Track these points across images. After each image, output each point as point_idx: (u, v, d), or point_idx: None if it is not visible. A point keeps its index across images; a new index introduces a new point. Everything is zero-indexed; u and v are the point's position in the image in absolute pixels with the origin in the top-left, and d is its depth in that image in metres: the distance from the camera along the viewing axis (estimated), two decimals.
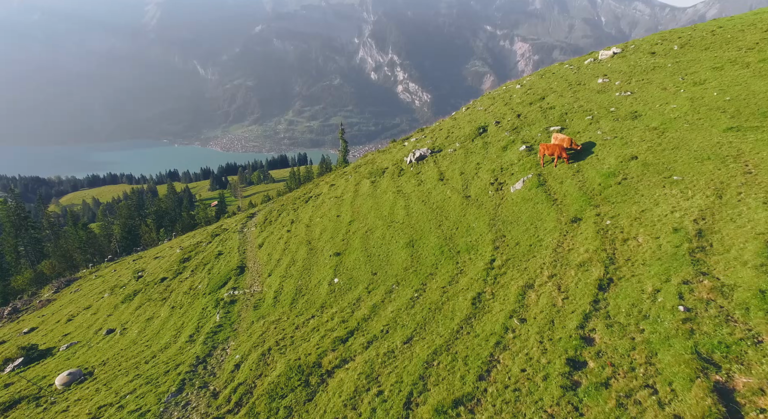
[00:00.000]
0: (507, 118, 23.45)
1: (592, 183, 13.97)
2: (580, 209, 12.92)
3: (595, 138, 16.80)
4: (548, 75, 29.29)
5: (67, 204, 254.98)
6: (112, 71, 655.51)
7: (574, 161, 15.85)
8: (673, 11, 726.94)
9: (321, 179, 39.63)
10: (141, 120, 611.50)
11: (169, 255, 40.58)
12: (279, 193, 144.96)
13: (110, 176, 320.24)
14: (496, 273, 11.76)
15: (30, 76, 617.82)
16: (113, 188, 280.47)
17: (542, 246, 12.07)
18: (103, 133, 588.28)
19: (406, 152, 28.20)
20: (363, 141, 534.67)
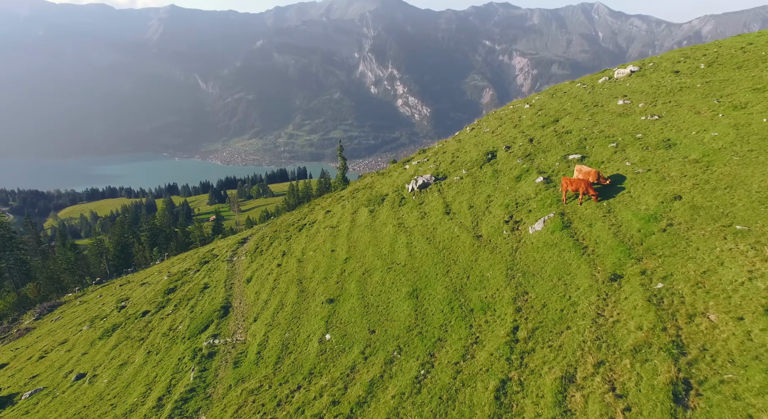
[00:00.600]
0: (518, 143, 21.42)
1: (629, 228, 11.80)
2: (619, 263, 10.73)
3: (624, 170, 14.70)
4: (559, 94, 27.39)
5: (65, 217, 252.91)
6: (114, 85, 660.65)
7: (602, 198, 13.72)
8: (669, 27, 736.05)
9: (317, 202, 37.50)
10: (142, 133, 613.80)
11: (156, 281, 38.26)
12: (277, 209, 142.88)
13: (109, 190, 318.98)
14: (522, 349, 9.51)
15: (33, 90, 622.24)
16: (112, 202, 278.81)
17: (577, 313, 9.84)
18: (104, 146, 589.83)
19: (408, 177, 26.10)
20: (363, 154, 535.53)
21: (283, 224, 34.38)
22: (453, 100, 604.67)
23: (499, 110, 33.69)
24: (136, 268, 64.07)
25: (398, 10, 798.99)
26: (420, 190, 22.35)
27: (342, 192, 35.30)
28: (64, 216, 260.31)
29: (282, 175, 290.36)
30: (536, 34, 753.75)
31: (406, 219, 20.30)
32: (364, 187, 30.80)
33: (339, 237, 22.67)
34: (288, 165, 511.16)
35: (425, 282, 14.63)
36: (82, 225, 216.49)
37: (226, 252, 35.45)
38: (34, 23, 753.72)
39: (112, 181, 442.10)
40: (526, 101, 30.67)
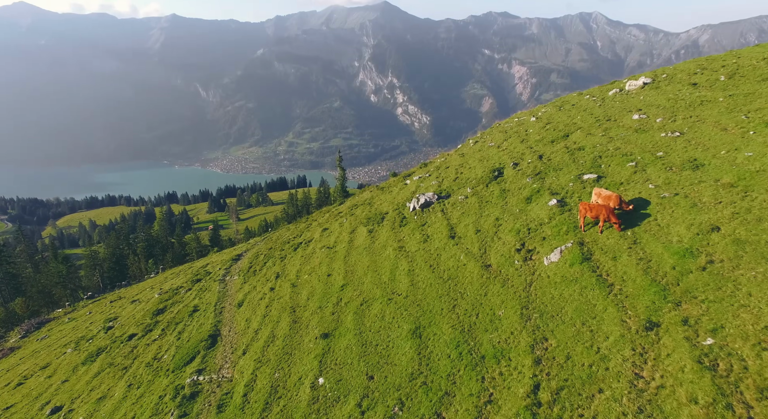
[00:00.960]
0: (526, 160, 20.10)
1: (661, 264, 10.40)
2: (654, 307, 9.32)
3: (648, 194, 13.34)
4: (567, 107, 26.17)
5: (64, 226, 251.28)
6: (115, 93, 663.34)
7: (626, 227, 12.34)
8: (666, 36, 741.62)
9: (314, 217, 36.12)
10: (142, 141, 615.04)
11: (147, 299, 36.74)
12: (276, 219, 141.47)
13: (108, 198, 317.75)
14: (546, 416, 8.05)
15: (34, 98, 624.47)
16: (111, 210, 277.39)
17: (609, 370, 8.41)
18: (105, 154, 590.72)
19: (409, 194, 24.77)
20: (362, 162, 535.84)
21: (278, 241, 32.98)
22: (453, 108, 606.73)
23: (503, 122, 32.47)
24: (129, 282, 62.50)
25: (398, 20, 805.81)
26: (422, 209, 20.98)
27: (340, 207, 33.93)
28: (62, 225, 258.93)
29: (281, 184, 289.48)
30: (535, 43, 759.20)
31: (407, 242, 18.90)
32: (363, 203, 29.44)
33: (336, 259, 21.24)
34: (288, 173, 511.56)
35: (429, 318, 13.18)
36: (80, 234, 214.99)
37: (220, 269, 34.02)
38: (36, 32, 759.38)
39: (111, 188, 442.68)
40: (532, 113, 29.43)
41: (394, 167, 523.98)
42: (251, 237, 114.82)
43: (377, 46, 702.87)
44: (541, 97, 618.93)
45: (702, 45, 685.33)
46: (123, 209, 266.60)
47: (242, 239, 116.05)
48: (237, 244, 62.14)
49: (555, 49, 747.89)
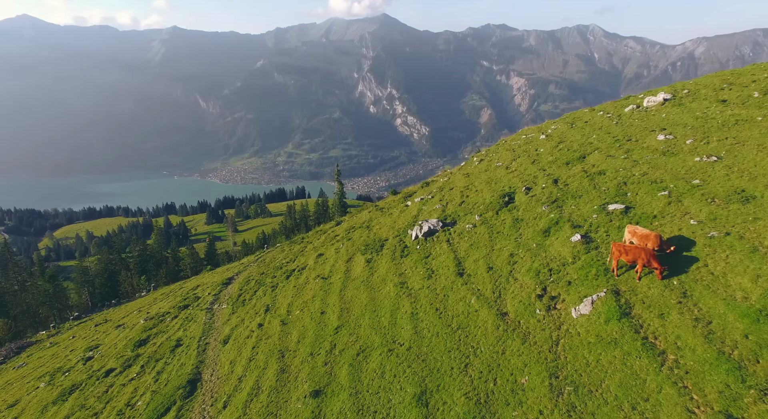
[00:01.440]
0: (540, 184, 18.25)
1: (726, 329, 8.45)
2: (730, 393, 7.33)
3: (690, 231, 11.44)
4: (579, 124, 24.43)
5: (61, 237, 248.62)
6: (115, 105, 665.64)
7: (670, 273, 10.42)
8: (663, 48, 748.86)
9: (309, 239, 34.13)
10: (142, 152, 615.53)
11: (132, 325, 34.56)
12: (274, 231, 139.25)
13: (106, 209, 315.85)
14: None
15: (36, 110, 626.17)
16: (109, 221, 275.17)
17: None
18: (104, 164, 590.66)
19: (410, 219, 22.86)
20: (362, 173, 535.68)
21: (271, 265, 30.96)
22: (451, 119, 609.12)
23: (510, 139, 30.72)
24: (120, 300, 60.20)
25: (397, 32, 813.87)
26: (425, 238, 19.05)
27: (337, 229, 31.97)
28: (59, 236, 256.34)
29: (280, 195, 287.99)
30: (533, 55, 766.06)
31: (409, 277, 16.92)
32: (360, 225, 27.50)
33: (330, 293, 19.23)
34: (287, 184, 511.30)
35: (437, 379, 11.15)
36: (77, 246, 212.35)
37: (209, 294, 31.95)
38: (38, 45, 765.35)
39: (110, 199, 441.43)
40: (541, 130, 27.68)
41: (393, 178, 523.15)
42: (248, 251, 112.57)
43: (376, 58, 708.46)
44: (539, 108, 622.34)
45: (698, 57, 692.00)
46: (121, 220, 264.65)
47: (238, 254, 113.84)
48: (231, 262, 60.02)
49: (553, 60, 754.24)
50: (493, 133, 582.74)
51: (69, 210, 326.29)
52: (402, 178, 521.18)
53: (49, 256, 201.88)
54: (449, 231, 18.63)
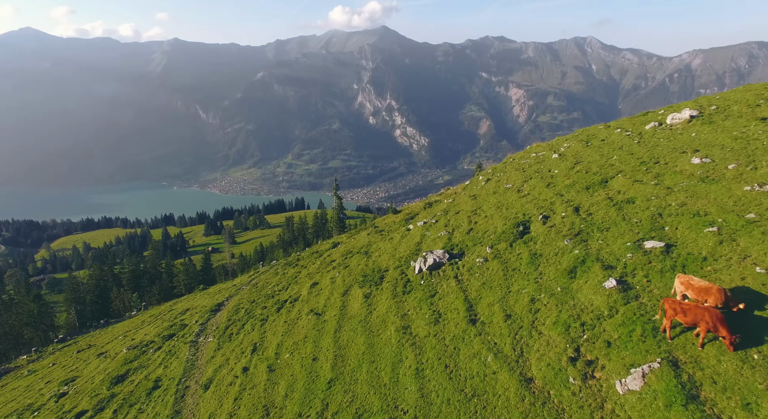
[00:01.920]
0: (559, 212, 16.30)
1: None
2: None
3: (760, 283, 9.43)
4: (595, 142, 22.57)
5: (59, 248, 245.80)
6: (116, 115, 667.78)
7: (744, 343, 8.38)
8: (660, 60, 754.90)
9: (304, 263, 32.01)
10: (141, 163, 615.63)
11: (114, 355, 32.27)
12: (272, 244, 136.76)
13: (105, 220, 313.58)
14: None
15: (36, 121, 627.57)
16: (107, 232, 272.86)
17: None
18: (104, 175, 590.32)
19: (412, 246, 20.84)
20: (361, 184, 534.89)
21: (263, 291, 28.81)
22: (451, 130, 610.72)
23: (518, 156, 28.84)
24: (108, 320, 57.77)
25: (396, 44, 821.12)
26: (430, 271, 17.01)
27: (333, 252, 29.90)
28: (57, 247, 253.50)
29: (279, 206, 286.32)
30: (531, 67, 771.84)
31: (413, 319, 14.85)
32: (359, 250, 25.45)
33: (324, 334, 17.11)
34: (286, 194, 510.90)
35: None
36: (73, 257, 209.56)
37: (196, 323, 29.76)
38: (41, 57, 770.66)
39: (109, 210, 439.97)
40: (552, 148, 25.81)
41: (392, 189, 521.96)
42: (245, 266, 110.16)
43: (376, 69, 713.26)
44: (538, 119, 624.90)
45: (695, 69, 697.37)
46: (119, 231, 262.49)
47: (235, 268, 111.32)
48: (226, 279, 57.86)
49: (551, 72, 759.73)
50: (492, 144, 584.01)
51: (67, 221, 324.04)
52: (401, 189, 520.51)
53: (45, 268, 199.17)
54: (457, 264, 16.59)
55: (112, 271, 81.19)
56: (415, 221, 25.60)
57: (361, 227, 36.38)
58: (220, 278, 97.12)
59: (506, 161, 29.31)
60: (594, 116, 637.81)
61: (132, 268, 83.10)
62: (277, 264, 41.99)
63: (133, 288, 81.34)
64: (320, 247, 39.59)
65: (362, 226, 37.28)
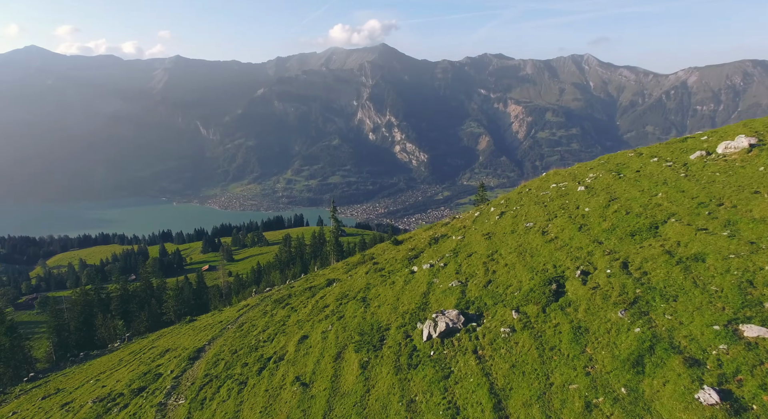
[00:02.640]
0: (601, 266, 13.09)
1: None
2: None
3: None
4: (628, 173, 19.51)
5: (54, 265, 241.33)
6: (117, 131, 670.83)
7: None
8: (656, 77, 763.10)
9: (294, 303, 28.56)
10: (141, 178, 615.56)
11: (77, 409, 28.57)
12: (269, 264, 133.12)
13: (102, 236, 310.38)
14: None
15: (37, 137, 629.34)
16: (104, 248, 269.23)
17: None
18: (103, 191, 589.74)
19: (418, 296, 17.56)
20: (361, 200, 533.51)
21: (247, 339, 25.33)
22: (450, 146, 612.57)
23: (533, 185, 25.75)
24: (88, 353, 53.80)
25: (396, 61, 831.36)
26: (442, 340, 13.71)
27: (327, 293, 26.49)
28: (53, 264, 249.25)
29: (278, 222, 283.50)
30: (530, 84, 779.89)
31: (422, 411, 11.49)
32: (355, 295, 22.12)
33: (310, 417, 13.70)
34: (286, 210, 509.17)
35: None
36: (68, 275, 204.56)
37: (172, 372, 26.25)
38: (44, 74, 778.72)
39: (108, 225, 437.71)
40: (575, 177, 22.74)
41: (392, 204, 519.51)
42: (240, 286, 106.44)
43: (375, 86, 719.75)
44: (537, 135, 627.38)
45: (691, 86, 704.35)
46: (116, 248, 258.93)
47: (229, 290, 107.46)
48: (213, 314, 54.35)
49: (549, 88, 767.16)
50: (491, 160, 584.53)
51: (64, 237, 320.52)
52: (401, 205, 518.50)
53: (39, 286, 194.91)
54: (476, 332, 13.29)
55: (99, 296, 77.38)
56: (419, 261, 22.35)
57: (358, 260, 33.09)
58: (213, 301, 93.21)
59: (521, 191, 26.24)
60: (593, 132, 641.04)
61: (120, 293, 79.27)
62: (269, 298, 38.58)
63: (121, 314, 77.51)
64: (314, 281, 36.23)
65: (359, 259, 33.99)
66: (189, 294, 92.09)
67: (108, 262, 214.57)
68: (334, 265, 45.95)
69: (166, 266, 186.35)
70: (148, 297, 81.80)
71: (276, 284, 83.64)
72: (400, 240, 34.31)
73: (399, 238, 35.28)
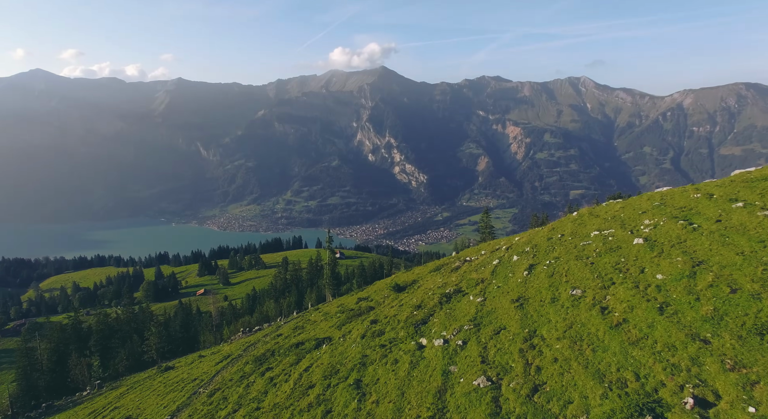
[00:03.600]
0: (726, 395, 8.40)
1: None
2: None
3: None
4: (706, 223, 14.95)
5: (48, 288, 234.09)
6: (118, 153, 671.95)
7: None
8: (652, 99, 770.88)
9: (273, 372, 23.56)
10: (140, 199, 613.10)
11: None
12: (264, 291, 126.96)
13: (98, 258, 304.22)
14: None
15: (38, 158, 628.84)
16: (99, 271, 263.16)
17: None
18: (102, 211, 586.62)
19: (430, 397, 12.69)
20: (360, 221, 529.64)
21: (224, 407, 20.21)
22: (449, 167, 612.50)
23: (564, 228, 21.15)
24: (52, 405, 48.00)
25: (395, 83, 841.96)
26: None
27: (315, 358, 21.50)
28: (46, 287, 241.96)
29: (276, 245, 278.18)
30: (527, 105, 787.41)
31: None
32: (348, 373, 17.19)
33: None
34: (285, 231, 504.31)
35: None
36: (61, 299, 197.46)
37: None
38: (48, 96, 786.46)
39: (105, 246, 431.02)
40: (622, 222, 18.16)
41: (391, 225, 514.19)
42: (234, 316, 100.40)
43: (375, 108, 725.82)
44: (535, 156, 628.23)
45: (686, 107, 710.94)
46: (111, 270, 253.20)
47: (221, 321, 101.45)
48: (193, 365, 49.04)
49: (547, 110, 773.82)
50: (491, 181, 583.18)
51: (61, 259, 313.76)
52: (400, 226, 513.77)
53: (29, 311, 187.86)
54: None
55: (75, 333, 71.61)
56: (429, 330, 17.51)
57: (353, 311, 28.12)
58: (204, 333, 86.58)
59: (549, 235, 21.62)
60: (591, 153, 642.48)
61: (101, 328, 73.29)
62: (253, 347, 33.49)
63: (100, 350, 71.59)
64: (304, 330, 31.19)
65: (356, 308, 29.04)
66: (177, 327, 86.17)
67: (102, 285, 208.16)
68: (328, 307, 40.93)
69: (160, 290, 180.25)
70: (130, 332, 76.02)
71: (270, 315, 78.00)
72: (402, 286, 29.50)
73: (400, 283, 30.44)
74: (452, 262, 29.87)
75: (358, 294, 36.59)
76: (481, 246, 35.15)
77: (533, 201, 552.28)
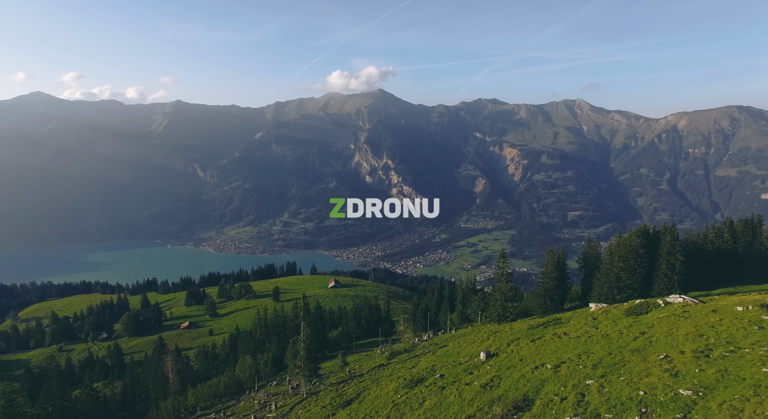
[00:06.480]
0: None
1: None
2: None
3: None
4: None
5: (27, 317, 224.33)
6: (115, 175, 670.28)
7: None
8: (647, 121, 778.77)
9: None
10: (136, 221, 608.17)
11: None
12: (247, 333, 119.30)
13: (84, 284, 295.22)
14: None
15: (35, 180, 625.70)
16: (84, 298, 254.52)
17: None
18: (98, 233, 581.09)
19: None
20: (358, 243, 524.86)
21: None
22: (447, 188, 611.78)
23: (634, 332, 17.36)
24: None
25: (393, 106, 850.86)
26: None
27: None
28: (25, 316, 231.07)
29: (269, 271, 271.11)
30: (524, 127, 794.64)
31: None
32: None
33: None
34: (281, 253, 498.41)
35: None
36: (34, 332, 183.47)
37: None
38: (46, 118, 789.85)
39: (96, 268, 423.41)
40: None
41: (389, 247, 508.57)
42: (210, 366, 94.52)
43: (372, 130, 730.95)
44: (532, 177, 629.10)
45: (681, 129, 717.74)
46: (96, 297, 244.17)
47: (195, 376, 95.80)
48: None
49: (543, 132, 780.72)
50: (488, 202, 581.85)
51: (47, 284, 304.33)
52: (398, 248, 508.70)
53: None
54: None
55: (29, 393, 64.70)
56: None
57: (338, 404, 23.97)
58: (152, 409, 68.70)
59: None
60: (588, 175, 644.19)
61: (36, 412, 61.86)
62: None
63: (58, 413, 65.34)
64: None
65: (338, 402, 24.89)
66: (118, 404, 75.49)
67: (82, 316, 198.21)
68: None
69: (141, 323, 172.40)
70: (89, 391, 69.08)
71: (242, 379, 70.82)
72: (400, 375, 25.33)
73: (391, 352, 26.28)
74: None
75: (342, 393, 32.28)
76: None
77: (531, 222, 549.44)
